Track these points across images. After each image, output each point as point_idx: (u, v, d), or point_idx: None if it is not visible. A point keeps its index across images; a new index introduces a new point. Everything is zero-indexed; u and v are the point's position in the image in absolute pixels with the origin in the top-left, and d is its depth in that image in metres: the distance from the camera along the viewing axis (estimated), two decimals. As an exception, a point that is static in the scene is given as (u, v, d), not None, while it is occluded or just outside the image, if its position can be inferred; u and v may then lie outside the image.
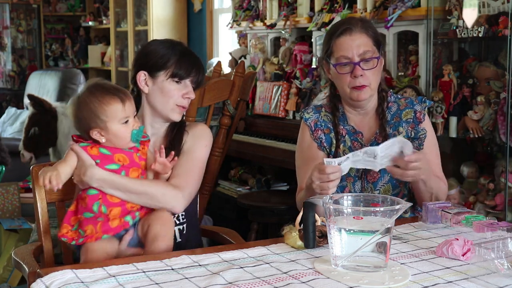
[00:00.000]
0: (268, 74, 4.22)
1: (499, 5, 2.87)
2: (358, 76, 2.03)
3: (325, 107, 2.20)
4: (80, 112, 1.83)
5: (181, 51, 2.02)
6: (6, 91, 7.56)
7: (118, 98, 1.81)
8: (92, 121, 1.81)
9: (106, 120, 1.80)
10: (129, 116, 1.83)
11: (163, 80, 1.99)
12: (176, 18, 5.85)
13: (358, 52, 2.03)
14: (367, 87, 2.05)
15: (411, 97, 2.24)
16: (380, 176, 2.05)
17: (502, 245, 1.50)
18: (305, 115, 2.19)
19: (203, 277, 1.41)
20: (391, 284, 1.37)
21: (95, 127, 1.81)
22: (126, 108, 1.82)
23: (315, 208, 1.55)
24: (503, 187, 2.81)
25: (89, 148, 1.82)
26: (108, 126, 1.80)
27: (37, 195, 1.99)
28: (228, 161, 4.07)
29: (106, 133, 1.81)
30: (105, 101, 1.80)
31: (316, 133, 2.15)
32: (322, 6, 3.81)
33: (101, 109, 1.80)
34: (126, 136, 1.82)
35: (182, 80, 2.00)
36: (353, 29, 2.05)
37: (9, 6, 7.57)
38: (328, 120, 2.15)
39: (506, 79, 2.77)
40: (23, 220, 3.66)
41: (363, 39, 2.05)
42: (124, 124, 1.82)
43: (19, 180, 4.04)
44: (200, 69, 2.04)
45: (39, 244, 2.00)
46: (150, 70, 2.00)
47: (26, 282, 1.88)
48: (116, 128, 1.81)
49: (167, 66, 1.98)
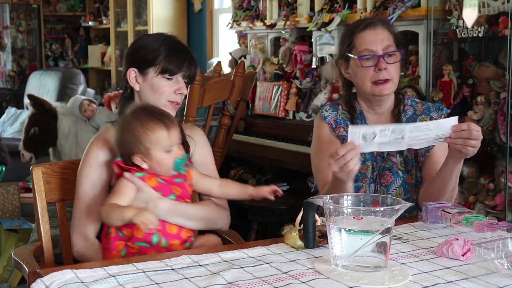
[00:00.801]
0: (268, 74, 4.22)
1: (499, 5, 2.87)
2: (382, 69, 2.02)
3: (341, 105, 2.17)
4: (123, 136, 1.77)
5: (170, 45, 1.93)
6: (6, 91, 7.56)
7: (163, 124, 1.74)
8: (135, 146, 1.74)
9: (150, 147, 1.74)
10: (174, 144, 1.76)
11: (153, 77, 1.90)
12: (176, 18, 5.86)
13: (382, 46, 2.04)
14: (390, 82, 2.04)
15: (429, 103, 2.22)
16: (393, 180, 2.05)
17: (502, 245, 1.50)
18: (323, 113, 2.15)
19: (203, 277, 1.41)
20: (391, 284, 1.37)
21: (138, 153, 1.75)
22: (171, 136, 1.75)
23: (315, 208, 1.55)
24: (503, 187, 2.81)
25: (147, 179, 1.76)
26: (151, 153, 1.74)
27: (37, 195, 1.98)
28: (228, 161, 4.07)
29: (149, 159, 1.75)
30: (150, 127, 1.73)
31: (338, 130, 2.12)
32: (322, 6, 3.81)
33: (145, 135, 1.73)
34: (169, 165, 1.76)
35: (173, 75, 1.91)
36: (376, 24, 2.07)
37: (9, 6, 7.57)
38: (346, 118, 2.13)
39: (506, 79, 2.77)
40: (23, 220, 3.66)
41: (385, 34, 2.06)
42: (167, 152, 1.76)
43: (19, 180, 4.04)
44: (192, 63, 1.94)
45: (39, 244, 2.00)
46: (140, 66, 1.92)
47: (26, 282, 1.87)
48: (159, 155, 1.75)
49: (157, 61, 1.89)
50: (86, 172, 1.89)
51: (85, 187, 1.88)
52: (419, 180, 2.12)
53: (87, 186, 1.88)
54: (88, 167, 1.89)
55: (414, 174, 2.10)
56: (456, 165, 1.92)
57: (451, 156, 1.89)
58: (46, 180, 1.99)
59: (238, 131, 4.07)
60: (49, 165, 2.03)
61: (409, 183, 2.10)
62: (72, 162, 2.06)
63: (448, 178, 1.95)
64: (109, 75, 6.97)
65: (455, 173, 1.94)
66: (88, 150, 1.92)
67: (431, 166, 2.08)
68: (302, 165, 3.50)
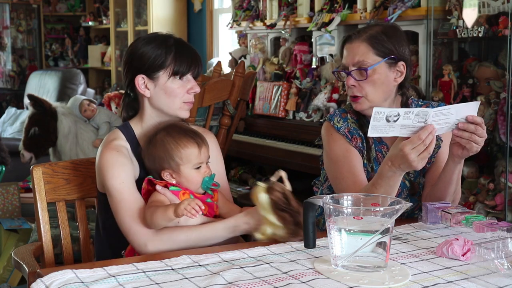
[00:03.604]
0: (268, 74, 4.22)
1: (499, 5, 2.88)
2: (349, 86, 2.00)
3: (349, 113, 2.11)
4: (155, 151, 1.79)
5: (175, 45, 1.89)
6: (6, 91, 7.56)
7: (195, 142, 1.77)
8: (166, 162, 1.77)
9: (180, 163, 1.76)
10: (203, 162, 1.79)
11: (165, 81, 1.86)
12: (176, 18, 5.86)
13: (352, 61, 1.99)
14: (363, 98, 1.99)
15: (433, 103, 2.16)
16: (401, 191, 2.03)
17: (502, 245, 1.50)
18: (335, 124, 2.07)
19: (203, 277, 1.41)
20: (391, 284, 1.37)
21: (168, 168, 1.78)
22: (202, 154, 1.78)
23: (315, 208, 1.55)
24: (503, 187, 2.81)
25: (181, 194, 1.77)
26: (181, 169, 1.77)
27: (37, 195, 1.98)
28: (228, 161, 4.07)
29: (178, 175, 1.78)
30: (182, 143, 1.76)
31: (355, 141, 2.05)
32: (322, 6, 3.81)
33: (177, 151, 1.76)
34: (197, 182, 1.78)
35: (184, 75, 1.88)
36: (353, 37, 2.01)
37: (9, 6, 7.57)
38: (356, 128, 2.07)
39: (506, 79, 2.77)
40: (23, 220, 3.66)
41: (361, 48, 1.98)
42: (197, 169, 1.78)
43: (19, 180, 4.04)
44: (199, 59, 1.92)
45: (39, 244, 2.00)
46: (148, 72, 1.86)
47: (26, 282, 1.88)
48: (189, 172, 1.77)
49: (166, 64, 1.85)
50: (117, 177, 1.80)
51: (126, 194, 1.79)
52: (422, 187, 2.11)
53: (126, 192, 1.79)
54: (116, 174, 1.80)
55: (418, 182, 2.09)
56: (457, 166, 1.90)
57: (452, 155, 1.88)
58: (46, 180, 1.99)
59: (238, 131, 4.07)
60: (49, 165, 2.02)
61: (414, 192, 2.09)
62: (72, 162, 2.06)
63: (449, 180, 1.94)
64: (109, 75, 6.98)
65: (456, 174, 1.93)
66: (104, 158, 1.83)
67: (434, 170, 2.07)
68: (302, 165, 3.51)
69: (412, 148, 1.69)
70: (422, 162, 1.71)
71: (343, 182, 2.01)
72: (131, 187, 1.80)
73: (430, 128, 1.68)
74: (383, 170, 1.79)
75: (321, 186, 2.22)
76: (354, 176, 1.99)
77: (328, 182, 2.14)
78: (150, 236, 1.73)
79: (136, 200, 1.79)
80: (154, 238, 1.73)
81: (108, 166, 1.80)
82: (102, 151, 1.84)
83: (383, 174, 1.79)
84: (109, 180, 1.79)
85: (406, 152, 1.69)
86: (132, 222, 1.76)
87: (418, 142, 1.68)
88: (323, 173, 2.18)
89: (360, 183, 1.97)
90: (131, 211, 1.76)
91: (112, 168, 1.80)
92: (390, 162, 1.76)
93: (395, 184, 1.82)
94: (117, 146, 1.85)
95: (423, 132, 1.68)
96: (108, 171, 1.80)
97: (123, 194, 1.78)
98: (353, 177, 1.98)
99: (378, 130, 1.67)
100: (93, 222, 2.05)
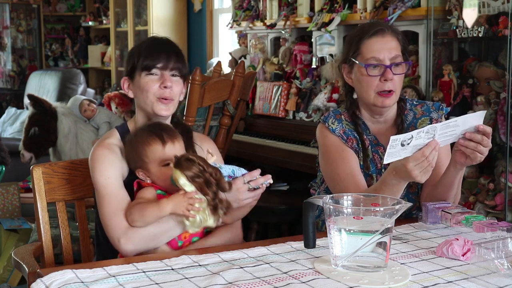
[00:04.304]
0: (268, 74, 4.22)
1: (499, 5, 2.87)
2: (388, 79, 1.97)
3: (343, 114, 2.10)
4: (127, 152, 1.85)
5: (148, 42, 1.96)
6: (6, 91, 7.55)
7: (158, 139, 1.78)
8: (137, 161, 1.80)
9: (147, 161, 1.78)
10: (171, 159, 1.75)
11: (139, 78, 1.91)
12: (176, 18, 5.85)
13: (389, 56, 1.98)
14: (393, 94, 2.00)
15: (428, 103, 2.18)
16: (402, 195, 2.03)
17: (502, 245, 1.50)
18: (330, 125, 2.06)
19: (203, 277, 1.41)
20: (391, 284, 1.37)
21: (140, 167, 1.80)
22: (166, 150, 1.77)
23: (315, 208, 1.55)
24: (503, 187, 2.81)
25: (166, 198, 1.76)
26: (149, 167, 1.78)
27: (37, 195, 1.98)
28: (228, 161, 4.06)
29: (150, 174, 1.80)
30: (146, 141, 1.78)
31: (351, 142, 2.05)
32: (322, 6, 3.81)
33: (142, 149, 1.78)
34: (166, 179, 1.76)
35: (152, 69, 1.90)
36: (386, 31, 2.00)
37: (9, 6, 7.56)
38: (352, 129, 2.07)
39: (506, 79, 2.77)
40: (23, 220, 3.66)
41: (394, 43, 2.00)
42: (165, 166, 1.77)
43: (19, 180, 4.04)
44: (171, 53, 1.92)
45: (39, 244, 2.00)
46: (129, 73, 1.96)
47: (26, 282, 1.88)
48: (156, 170, 1.78)
49: (138, 62, 1.91)
50: (104, 173, 1.84)
51: (110, 190, 1.82)
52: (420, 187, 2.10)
53: (110, 187, 1.83)
54: (103, 170, 1.84)
55: (416, 183, 2.08)
56: (458, 172, 1.91)
57: (455, 162, 1.87)
58: (46, 180, 2.00)
59: (238, 131, 4.07)
60: (49, 165, 2.03)
61: (412, 192, 2.09)
62: (72, 162, 2.06)
63: (450, 185, 1.95)
64: (109, 75, 6.97)
65: (457, 179, 1.94)
66: (94, 155, 1.87)
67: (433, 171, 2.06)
68: (302, 165, 3.51)
69: (415, 165, 1.70)
70: (426, 176, 1.73)
71: (341, 183, 2.00)
72: (116, 184, 1.83)
73: (434, 144, 1.69)
74: (387, 178, 1.80)
75: (318, 188, 2.21)
76: (353, 177, 1.98)
77: (325, 184, 2.13)
78: (124, 230, 1.76)
79: (120, 197, 1.81)
80: (127, 232, 1.76)
81: (97, 162, 1.86)
82: (94, 148, 1.91)
83: (387, 182, 1.80)
84: (96, 175, 1.84)
85: (410, 168, 1.71)
86: (111, 217, 1.79)
87: (422, 158, 1.69)
88: (320, 175, 2.18)
89: (360, 184, 1.97)
90: (113, 207, 1.80)
91: (101, 164, 1.85)
92: (395, 172, 1.77)
93: (399, 191, 1.82)
94: (109, 144, 1.90)
95: (426, 149, 1.69)
96: (96, 167, 1.85)
97: (107, 190, 1.82)
98: (352, 178, 1.98)
99: (393, 155, 1.68)
100: (93, 222, 2.05)
